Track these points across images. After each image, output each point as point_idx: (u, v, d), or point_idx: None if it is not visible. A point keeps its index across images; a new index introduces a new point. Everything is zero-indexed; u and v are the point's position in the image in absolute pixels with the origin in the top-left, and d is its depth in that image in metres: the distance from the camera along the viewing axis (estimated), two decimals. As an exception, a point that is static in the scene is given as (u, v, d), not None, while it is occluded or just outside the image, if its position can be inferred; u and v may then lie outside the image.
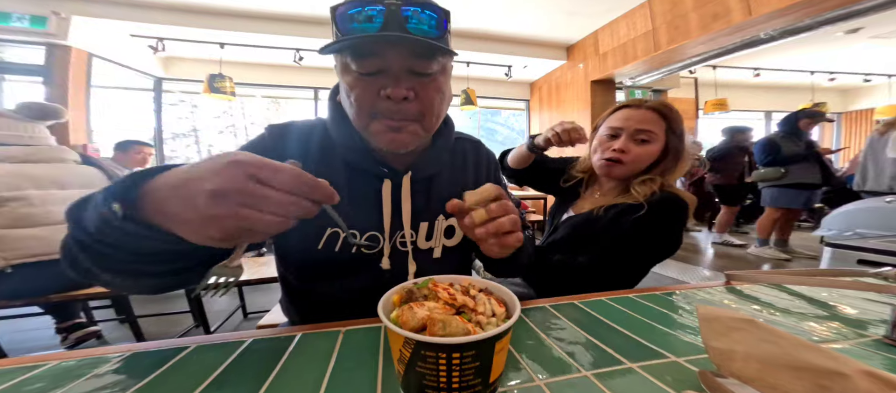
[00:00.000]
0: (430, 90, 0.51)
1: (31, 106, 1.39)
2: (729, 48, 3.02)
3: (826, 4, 2.27)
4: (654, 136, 0.84)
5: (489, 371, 0.28)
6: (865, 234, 1.78)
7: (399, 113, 0.50)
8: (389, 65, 0.48)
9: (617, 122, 0.88)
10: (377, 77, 0.48)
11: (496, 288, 0.36)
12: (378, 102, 0.49)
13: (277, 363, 0.38)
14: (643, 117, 0.85)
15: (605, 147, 0.88)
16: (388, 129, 0.51)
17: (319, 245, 0.56)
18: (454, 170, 0.66)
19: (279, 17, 3.45)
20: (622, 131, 0.86)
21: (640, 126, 0.84)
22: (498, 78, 4.83)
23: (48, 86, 3.11)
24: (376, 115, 0.50)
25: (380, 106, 0.49)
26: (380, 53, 0.47)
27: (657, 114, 0.85)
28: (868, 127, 6.83)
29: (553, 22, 3.71)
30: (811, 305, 0.57)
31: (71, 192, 1.39)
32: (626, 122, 0.85)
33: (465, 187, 0.61)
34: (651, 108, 0.86)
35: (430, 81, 0.51)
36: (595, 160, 0.91)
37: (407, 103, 0.49)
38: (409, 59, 0.48)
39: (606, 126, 0.90)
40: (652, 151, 0.84)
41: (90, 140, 3.36)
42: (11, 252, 1.24)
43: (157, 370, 0.36)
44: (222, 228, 0.29)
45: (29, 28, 2.96)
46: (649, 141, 0.84)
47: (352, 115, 0.53)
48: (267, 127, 0.61)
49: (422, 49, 0.48)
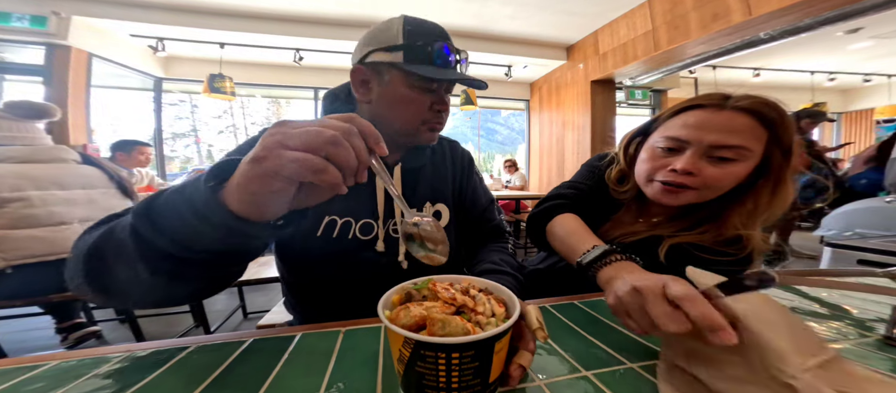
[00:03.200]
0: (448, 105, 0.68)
1: (20, 104, 1.37)
2: (729, 48, 3.02)
3: (826, 4, 2.27)
4: (744, 154, 0.55)
5: (489, 371, 0.28)
6: (865, 234, 1.77)
7: (440, 120, 0.66)
8: (440, 88, 0.63)
9: (680, 130, 0.59)
10: (430, 95, 0.62)
11: (496, 288, 0.36)
12: (427, 113, 0.64)
13: (277, 363, 0.38)
14: (730, 124, 0.55)
15: (660, 165, 0.61)
16: (430, 129, 0.65)
17: (318, 232, 0.63)
18: (436, 164, 0.77)
19: (279, 16, 3.45)
20: (689, 145, 0.58)
21: (721, 139, 0.55)
22: (498, 78, 4.83)
23: (48, 86, 3.11)
24: (426, 121, 0.64)
25: (428, 115, 0.64)
26: (440, 81, 0.62)
27: (753, 118, 0.55)
28: (868, 127, 6.83)
29: (553, 22, 3.71)
30: (812, 304, 0.57)
31: (72, 192, 1.38)
32: (696, 132, 0.57)
33: (444, 180, 0.76)
34: (743, 110, 0.55)
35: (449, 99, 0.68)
36: (643, 180, 0.65)
37: (444, 114, 0.65)
38: (451, 86, 0.66)
39: (663, 135, 0.61)
40: (738, 174, 0.56)
41: (90, 140, 3.36)
42: (12, 252, 1.24)
43: (157, 370, 0.36)
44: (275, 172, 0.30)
45: (29, 28, 2.96)
46: (736, 159, 0.56)
47: (395, 117, 0.64)
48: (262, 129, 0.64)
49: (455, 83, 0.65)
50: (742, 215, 0.60)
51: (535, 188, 5.32)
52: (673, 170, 0.59)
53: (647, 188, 0.65)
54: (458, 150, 0.84)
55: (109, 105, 4.28)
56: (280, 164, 0.29)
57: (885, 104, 5.91)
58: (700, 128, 0.57)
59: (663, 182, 0.60)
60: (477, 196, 0.81)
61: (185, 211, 0.32)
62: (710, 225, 0.62)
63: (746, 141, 0.55)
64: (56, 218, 1.31)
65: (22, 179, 1.27)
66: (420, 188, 0.72)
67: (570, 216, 0.68)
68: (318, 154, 0.30)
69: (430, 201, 0.73)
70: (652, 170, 0.63)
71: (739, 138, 0.55)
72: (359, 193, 0.66)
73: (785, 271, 0.67)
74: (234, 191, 0.32)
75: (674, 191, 0.60)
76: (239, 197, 0.31)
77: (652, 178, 0.63)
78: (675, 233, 0.64)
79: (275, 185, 0.30)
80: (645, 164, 0.64)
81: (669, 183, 0.59)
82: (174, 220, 0.33)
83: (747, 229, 0.59)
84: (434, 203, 0.73)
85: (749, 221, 0.59)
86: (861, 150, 2.96)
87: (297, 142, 0.30)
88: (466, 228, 0.80)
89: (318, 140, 0.30)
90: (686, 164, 0.57)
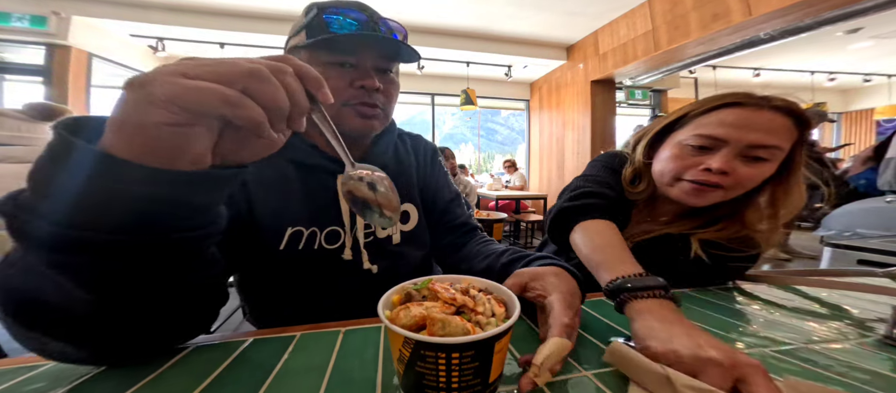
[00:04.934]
0: (391, 86, 0.60)
1: (38, 106, 1.40)
2: (729, 48, 3.03)
3: (826, 4, 2.27)
4: (777, 154, 0.56)
5: (489, 371, 0.28)
6: (865, 234, 1.78)
7: (370, 100, 0.56)
8: (361, 61, 0.55)
9: (717, 128, 0.57)
10: (348, 70, 0.55)
11: (496, 288, 0.36)
12: (349, 91, 0.55)
13: (277, 363, 0.38)
14: (770, 124, 0.55)
15: (690, 163, 0.60)
16: (359, 114, 0.56)
17: (281, 245, 0.56)
18: (399, 161, 0.71)
19: (279, 16, 3.46)
20: (726, 144, 0.57)
21: (760, 139, 0.55)
22: (498, 78, 4.84)
23: (48, 86, 3.11)
24: (347, 104, 0.56)
25: (351, 94, 0.55)
26: (355, 51, 0.54)
27: (790, 118, 0.56)
28: (868, 127, 6.84)
29: (553, 22, 3.72)
30: (812, 304, 0.57)
31: (71, 192, 1.39)
32: (737, 131, 0.56)
33: (409, 177, 0.69)
34: (780, 109, 0.56)
35: (391, 79, 0.59)
36: (668, 179, 0.63)
37: (376, 94, 0.56)
38: (378, 58, 0.56)
39: (695, 133, 0.59)
40: (766, 173, 0.57)
41: (90, 140, 3.36)
42: (12, 252, 1.24)
43: (156, 370, 0.36)
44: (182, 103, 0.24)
45: (29, 28, 2.96)
46: (769, 159, 0.56)
47: None
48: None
49: (390, 51, 0.57)
50: (759, 212, 0.60)
51: (535, 188, 5.33)
52: (707, 169, 0.57)
53: (671, 188, 0.63)
54: (421, 142, 0.78)
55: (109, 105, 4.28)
56: (173, 92, 0.23)
57: (885, 104, 5.91)
58: (740, 126, 0.55)
59: (693, 181, 0.59)
60: (440, 188, 0.74)
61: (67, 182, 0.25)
62: (727, 222, 0.62)
63: (782, 141, 0.55)
64: (56, 218, 1.32)
65: (22, 180, 1.28)
66: None
67: (608, 224, 0.60)
68: (232, 87, 0.24)
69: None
70: (680, 169, 0.60)
71: (777, 138, 0.55)
72: (317, 198, 0.59)
73: (785, 271, 0.67)
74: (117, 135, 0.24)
75: (703, 190, 0.58)
76: (127, 140, 0.24)
77: (679, 178, 0.61)
78: (691, 230, 0.63)
79: (167, 116, 0.24)
80: (671, 163, 0.62)
81: (702, 182, 0.58)
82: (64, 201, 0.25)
83: (770, 227, 0.60)
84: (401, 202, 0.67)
85: (772, 219, 0.60)
86: (861, 150, 2.96)
87: (201, 71, 0.24)
88: (432, 226, 0.73)
89: (234, 71, 0.25)
90: (722, 164, 0.55)
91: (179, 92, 0.24)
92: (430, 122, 5.52)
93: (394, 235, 0.65)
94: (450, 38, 3.94)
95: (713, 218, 0.64)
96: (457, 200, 0.76)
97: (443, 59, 4.30)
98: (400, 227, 0.66)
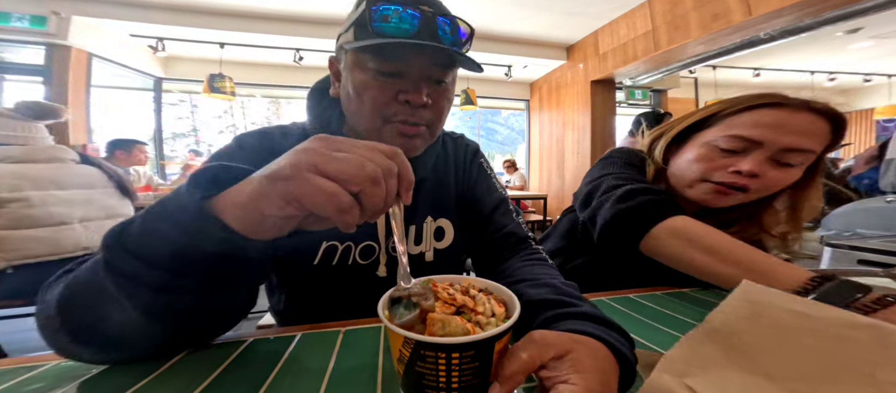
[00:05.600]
0: (443, 98, 0.52)
1: (30, 105, 1.38)
2: (729, 48, 3.03)
3: (826, 4, 2.27)
4: (809, 158, 0.55)
5: (489, 371, 0.28)
6: (865, 234, 1.77)
7: (414, 117, 0.49)
8: (410, 70, 0.48)
9: (752, 129, 0.54)
10: (395, 80, 0.48)
11: (496, 288, 0.36)
12: (393, 106, 0.49)
13: (277, 363, 0.38)
14: (809, 127, 0.53)
15: (719, 165, 0.57)
16: (401, 135, 0.50)
17: (316, 260, 0.55)
18: (438, 175, 0.64)
19: (279, 16, 3.45)
20: (760, 146, 0.54)
21: (796, 142, 0.53)
22: (498, 78, 4.84)
23: (48, 86, 3.11)
24: (390, 120, 0.49)
25: (394, 109, 0.49)
26: (405, 58, 0.47)
27: (828, 122, 0.54)
28: (868, 127, 6.83)
29: (553, 22, 3.71)
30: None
31: (71, 192, 1.38)
32: (773, 133, 0.53)
33: (447, 191, 0.63)
34: (818, 112, 0.54)
35: (444, 90, 0.52)
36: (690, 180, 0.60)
37: (423, 110, 0.49)
38: (430, 67, 0.48)
39: (727, 134, 0.56)
40: (793, 178, 0.56)
41: (90, 140, 3.36)
42: (13, 253, 1.24)
43: (156, 370, 0.36)
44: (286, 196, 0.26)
45: (29, 28, 2.96)
46: (798, 164, 0.54)
47: (360, 114, 0.51)
48: (235, 137, 0.57)
49: (445, 59, 0.49)
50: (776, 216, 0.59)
51: (535, 188, 5.32)
52: (736, 171, 0.54)
53: (691, 189, 0.60)
54: (462, 144, 0.70)
55: (109, 105, 4.28)
56: (305, 192, 0.25)
57: (885, 104, 5.90)
58: (777, 128, 0.53)
59: (719, 183, 0.56)
60: (480, 195, 0.64)
61: (171, 231, 0.28)
62: (744, 224, 0.62)
63: (816, 145, 0.54)
64: (56, 218, 1.31)
65: (20, 180, 1.27)
66: (420, 204, 0.61)
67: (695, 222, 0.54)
68: (350, 189, 0.26)
69: (432, 216, 0.61)
70: (707, 170, 0.58)
71: (812, 142, 0.53)
72: None
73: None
74: (236, 206, 0.28)
75: (726, 192, 0.56)
76: (243, 215, 0.27)
77: (705, 180, 0.58)
78: None
79: (290, 210, 0.26)
80: (697, 164, 0.59)
81: (729, 185, 0.55)
82: (159, 244, 0.28)
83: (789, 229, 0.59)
84: (436, 218, 0.62)
85: (791, 222, 0.59)
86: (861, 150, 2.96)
87: (333, 169, 0.26)
88: (474, 241, 0.64)
89: (360, 175, 0.26)
90: (754, 166, 0.53)
91: (310, 192, 0.25)
92: (430, 122, 5.52)
93: (427, 252, 0.61)
94: (450, 38, 3.92)
95: (729, 220, 0.62)
96: (501, 207, 0.63)
97: (443, 59, 4.28)
98: (434, 244, 0.62)
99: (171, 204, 0.29)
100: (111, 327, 0.31)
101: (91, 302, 0.31)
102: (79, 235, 1.37)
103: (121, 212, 1.55)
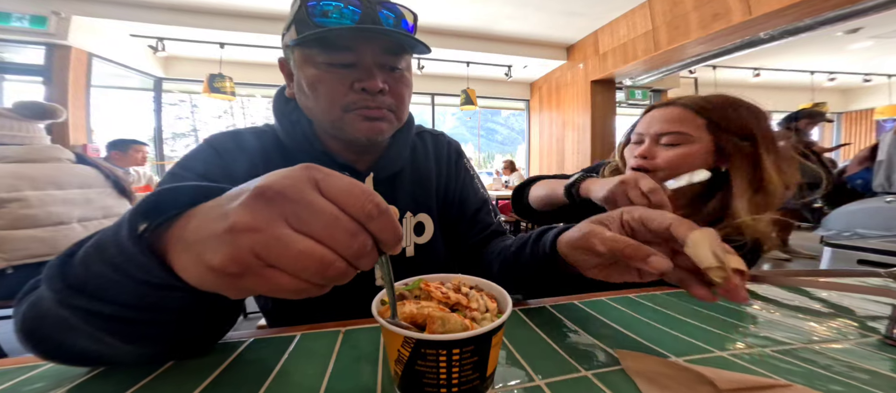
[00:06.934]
0: (400, 85, 0.53)
1: (28, 105, 1.38)
2: (729, 48, 3.03)
3: (826, 4, 2.28)
4: (685, 138, 0.70)
5: (486, 365, 0.28)
6: (865, 234, 1.78)
7: (374, 103, 0.50)
8: (361, 58, 0.48)
9: (641, 126, 0.77)
10: (348, 70, 0.49)
11: (486, 285, 0.36)
12: (350, 95, 0.49)
13: (277, 363, 0.37)
14: (666, 116, 0.72)
15: (634, 153, 0.76)
16: (365, 118, 0.51)
17: None
18: (417, 165, 0.65)
19: (279, 16, 3.46)
20: (645, 136, 0.74)
21: (663, 128, 0.71)
22: (498, 78, 4.84)
23: (48, 86, 3.11)
24: (350, 108, 0.50)
25: (352, 98, 0.49)
26: (353, 47, 0.48)
27: (687, 110, 0.71)
28: (868, 127, 6.84)
29: (553, 22, 3.72)
30: (812, 304, 0.57)
31: (69, 192, 1.38)
32: (648, 126, 0.74)
33: (427, 186, 0.65)
34: (680, 105, 0.72)
35: (400, 76, 0.53)
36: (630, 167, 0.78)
37: (381, 96, 0.50)
38: (381, 54, 0.49)
39: (635, 132, 0.79)
40: (688, 154, 0.69)
41: (90, 140, 3.36)
42: (12, 253, 1.24)
43: (156, 370, 0.36)
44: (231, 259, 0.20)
45: (29, 28, 2.96)
46: (680, 144, 0.70)
47: (317, 109, 0.51)
48: (208, 139, 0.56)
49: (394, 45, 0.50)
50: (744, 201, 0.67)
51: (535, 188, 5.32)
52: (639, 156, 0.74)
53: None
54: (443, 141, 0.71)
55: (109, 105, 4.28)
56: (276, 252, 0.20)
57: (885, 104, 5.91)
58: (649, 122, 0.75)
59: (634, 168, 0.75)
60: (466, 195, 0.68)
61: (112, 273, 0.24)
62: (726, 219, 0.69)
63: (684, 128, 0.70)
64: (55, 218, 1.31)
65: (19, 180, 1.27)
66: (398, 199, 0.61)
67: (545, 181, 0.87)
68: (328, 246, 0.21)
69: (412, 211, 0.62)
70: (631, 159, 0.78)
71: (678, 125, 0.70)
72: None
73: (786, 272, 0.67)
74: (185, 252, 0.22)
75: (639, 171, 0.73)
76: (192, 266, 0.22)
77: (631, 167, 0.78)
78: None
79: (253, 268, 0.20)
80: (630, 158, 0.80)
81: (637, 167, 0.73)
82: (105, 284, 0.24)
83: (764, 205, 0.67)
84: (416, 213, 0.62)
85: (759, 205, 0.67)
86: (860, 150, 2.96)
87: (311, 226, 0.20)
88: (457, 238, 0.67)
89: (340, 233, 0.21)
90: (642, 150, 0.74)
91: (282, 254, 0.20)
92: (430, 122, 5.52)
93: (407, 248, 0.61)
94: (450, 38, 3.94)
95: (714, 219, 0.71)
96: (485, 207, 0.69)
97: (443, 59, 4.30)
98: (414, 239, 0.62)
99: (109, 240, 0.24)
100: (84, 348, 0.29)
101: (54, 331, 0.29)
102: (78, 234, 1.37)
103: (118, 212, 1.55)
